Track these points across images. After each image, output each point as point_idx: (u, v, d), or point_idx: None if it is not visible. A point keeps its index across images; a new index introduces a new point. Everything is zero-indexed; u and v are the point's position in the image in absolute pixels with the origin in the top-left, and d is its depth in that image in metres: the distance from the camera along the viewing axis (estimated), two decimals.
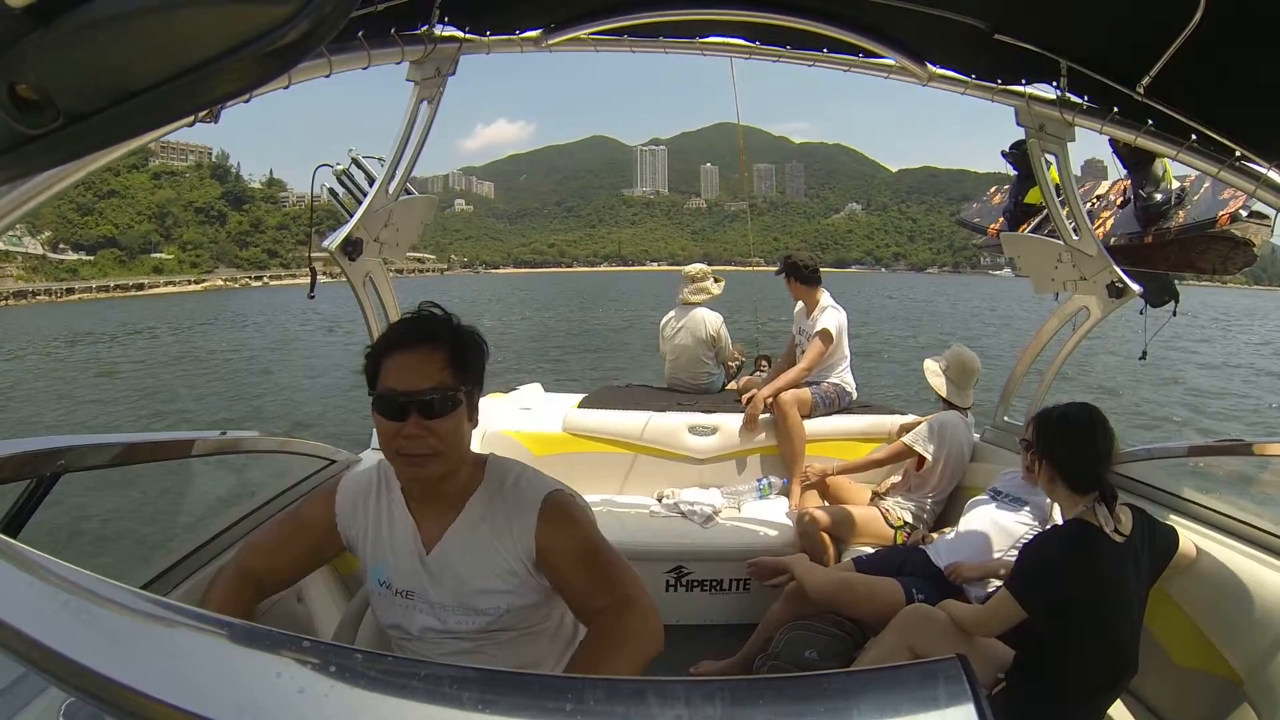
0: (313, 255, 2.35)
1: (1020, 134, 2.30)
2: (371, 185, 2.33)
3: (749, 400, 3.39)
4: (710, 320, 3.87)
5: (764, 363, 4.25)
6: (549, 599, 1.32)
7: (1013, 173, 2.94)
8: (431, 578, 1.28)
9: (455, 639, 1.29)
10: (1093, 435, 1.73)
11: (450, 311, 1.29)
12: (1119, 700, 1.75)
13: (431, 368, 1.19)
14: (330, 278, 2.45)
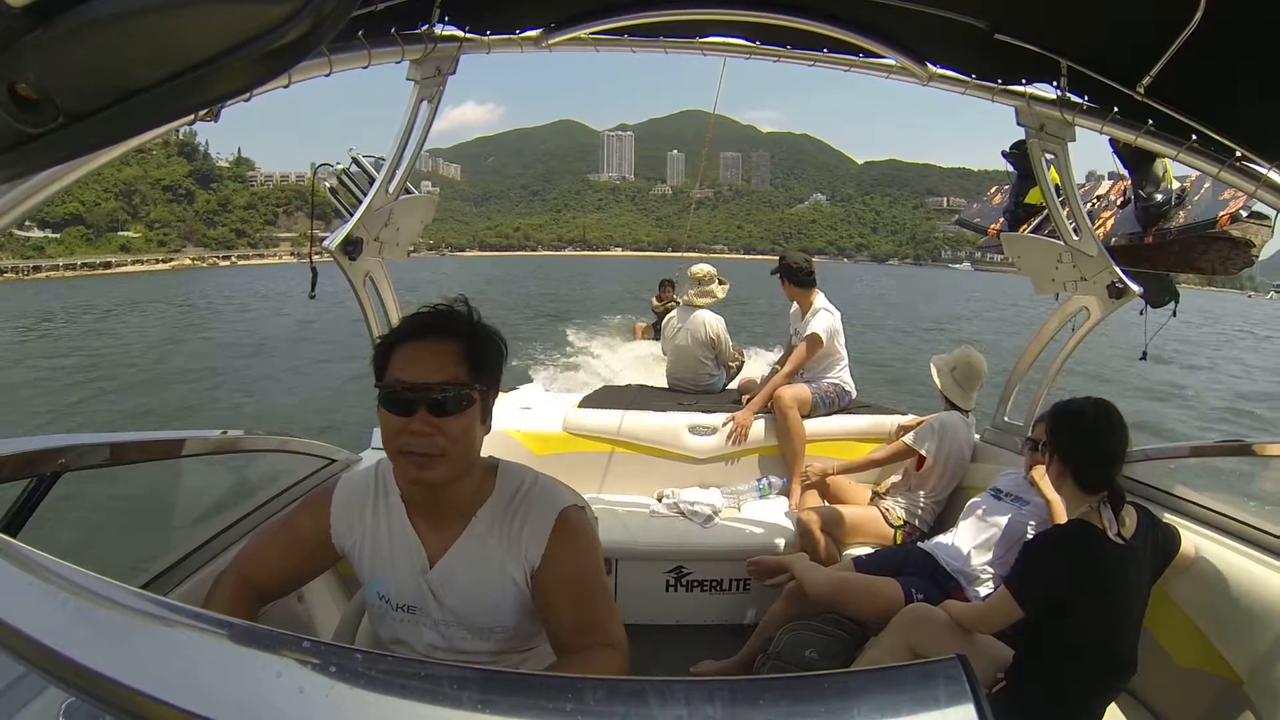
0: (312, 254, 2.33)
1: (1019, 133, 2.30)
2: (371, 184, 2.33)
3: (747, 401, 3.41)
4: (711, 323, 3.87)
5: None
6: None
7: (1008, 171, 2.94)
8: (435, 594, 1.21)
9: (462, 658, 1.22)
10: (1108, 434, 1.71)
11: (473, 307, 1.21)
12: (1119, 700, 1.75)
13: (445, 360, 1.11)
14: (297, 258, 2.42)
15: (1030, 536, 2.19)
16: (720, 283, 4.00)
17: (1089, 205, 2.92)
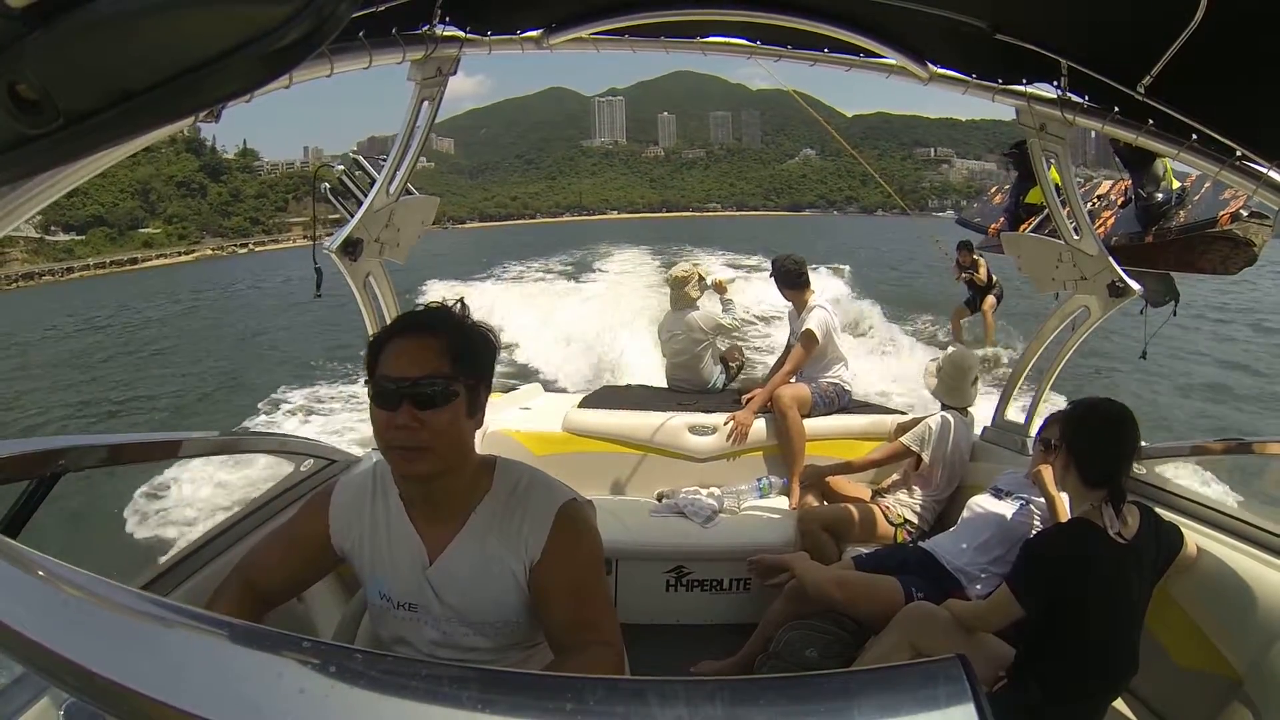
0: (315, 254, 2.32)
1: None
2: (372, 185, 2.33)
3: (747, 401, 3.41)
4: (704, 320, 3.86)
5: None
6: None
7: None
8: (436, 591, 1.22)
9: (464, 655, 1.23)
10: (1116, 433, 1.72)
11: (466, 305, 1.24)
12: (1119, 700, 1.75)
13: (428, 355, 1.13)
14: (310, 241, 2.40)
15: (1031, 535, 2.20)
16: (700, 279, 3.93)
17: (1089, 205, 2.92)
